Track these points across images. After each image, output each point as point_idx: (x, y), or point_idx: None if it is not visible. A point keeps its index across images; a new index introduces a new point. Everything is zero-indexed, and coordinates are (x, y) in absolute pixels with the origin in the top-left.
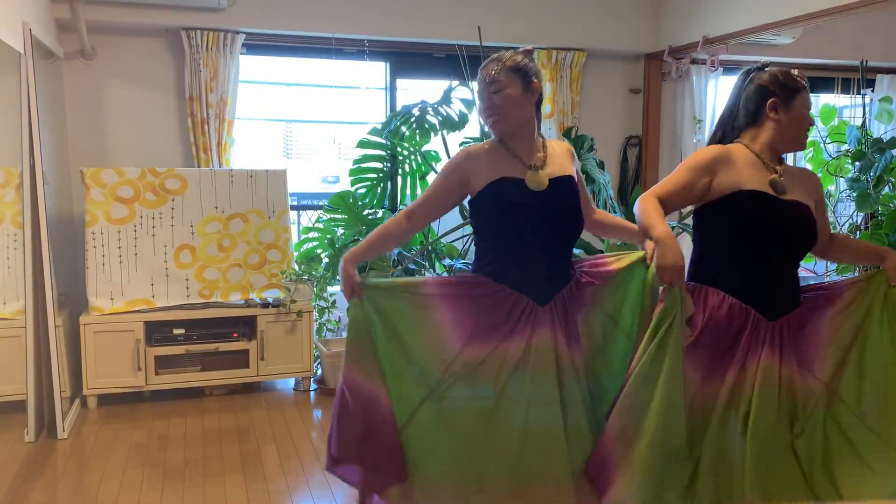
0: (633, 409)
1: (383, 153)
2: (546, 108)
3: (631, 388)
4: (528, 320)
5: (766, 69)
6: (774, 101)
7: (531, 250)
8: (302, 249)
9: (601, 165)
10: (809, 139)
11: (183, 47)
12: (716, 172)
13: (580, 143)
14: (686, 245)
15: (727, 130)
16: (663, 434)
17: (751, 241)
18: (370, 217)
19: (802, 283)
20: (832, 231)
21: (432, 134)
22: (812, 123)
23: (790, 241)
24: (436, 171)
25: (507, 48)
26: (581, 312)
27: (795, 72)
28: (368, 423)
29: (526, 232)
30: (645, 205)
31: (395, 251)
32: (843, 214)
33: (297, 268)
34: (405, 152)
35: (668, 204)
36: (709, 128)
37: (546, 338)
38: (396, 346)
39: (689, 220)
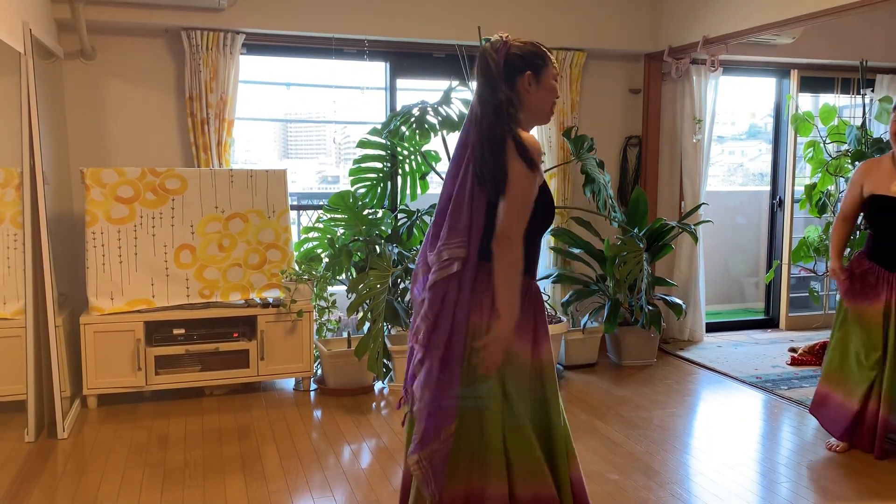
0: None
1: (383, 153)
2: None
3: None
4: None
5: None
6: None
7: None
8: (302, 249)
9: (601, 165)
10: (809, 139)
11: (183, 47)
12: None
13: (580, 143)
14: (686, 246)
15: None
16: None
17: None
18: (370, 217)
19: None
20: None
21: (432, 134)
22: None
23: None
24: (436, 171)
25: None
26: None
27: None
28: None
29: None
30: None
31: (396, 250)
32: None
33: (297, 268)
34: (405, 152)
35: None
36: (708, 128)
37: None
38: None
39: (689, 220)
